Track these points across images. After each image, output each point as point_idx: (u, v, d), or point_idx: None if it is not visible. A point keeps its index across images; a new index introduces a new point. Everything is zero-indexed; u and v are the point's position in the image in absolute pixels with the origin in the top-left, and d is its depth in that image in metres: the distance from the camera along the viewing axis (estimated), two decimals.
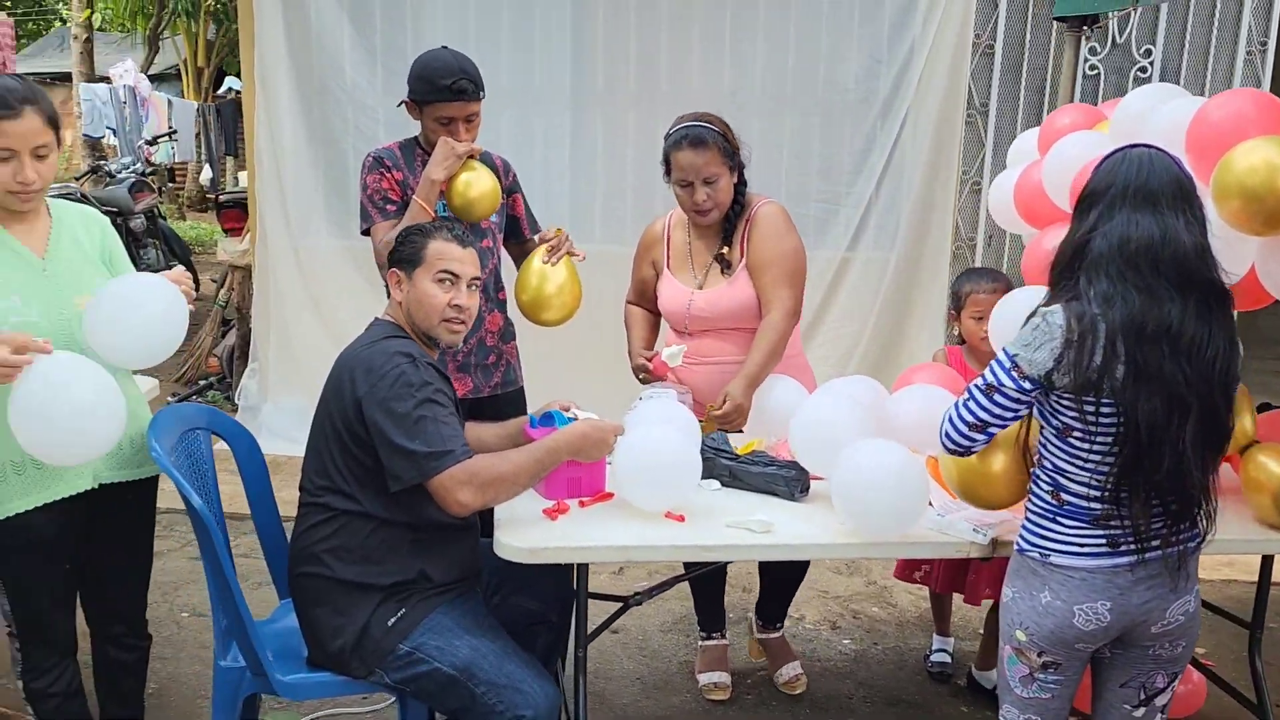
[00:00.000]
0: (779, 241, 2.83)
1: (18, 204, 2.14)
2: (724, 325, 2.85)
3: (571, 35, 4.96)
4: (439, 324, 2.30)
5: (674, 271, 2.95)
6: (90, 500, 2.26)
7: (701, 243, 2.92)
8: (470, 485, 2.11)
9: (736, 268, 2.83)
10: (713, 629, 3.20)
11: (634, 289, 3.13)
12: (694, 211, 2.81)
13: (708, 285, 2.88)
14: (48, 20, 22.09)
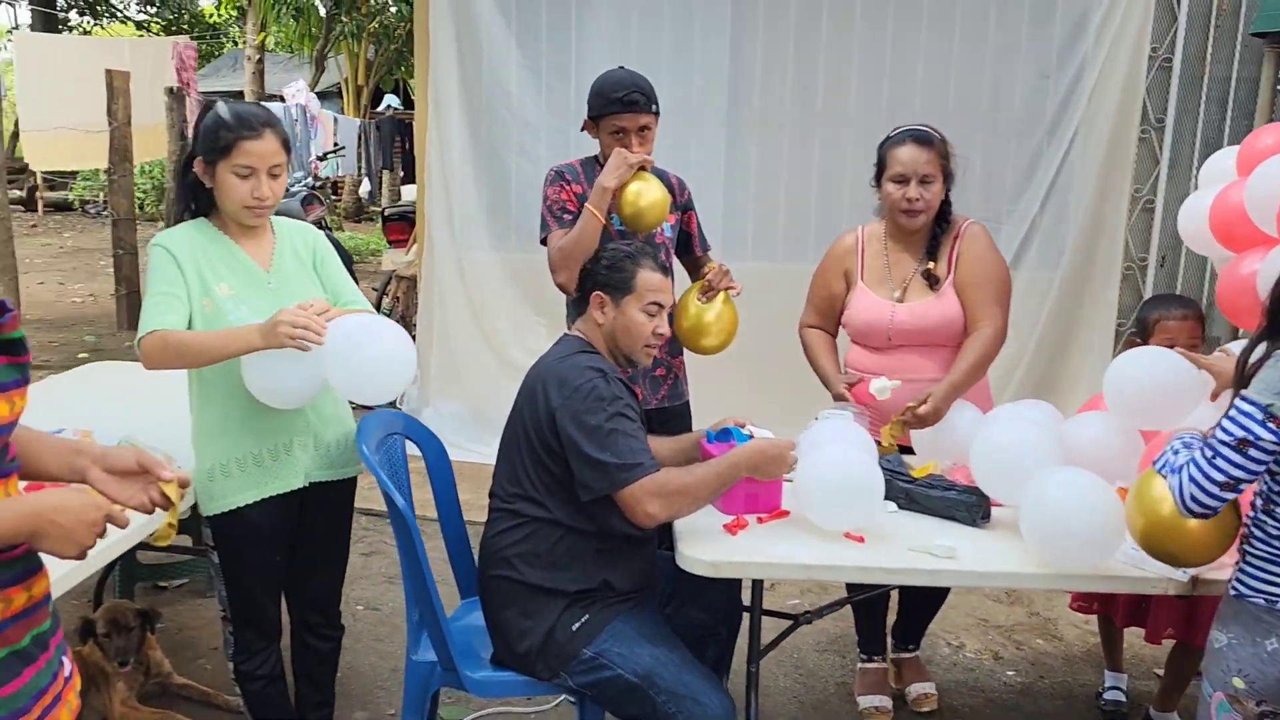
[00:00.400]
0: (991, 260, 2.84)
1: (251, 219, 2.31)
2: (925, 340, 2.83)
3: (730, 57, 5.02)
4: (641, 349, 2.39)
5: (869, 284, 2.91)
6: (301, 497, 2.43)
7: (902, 256, 2.90)
8: (658, 497, 2.18)
9: (944, 283, 2.83)
10: (873, 651, 3.19)
11: (814, 310, 3.06)
12: (903, 211, 2.78)
13: (909, 299, 2.85)
14: (220, 43, 23.49)
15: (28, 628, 1.39)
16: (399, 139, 11.90)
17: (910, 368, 2.81)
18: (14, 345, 1.39)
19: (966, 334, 2.79)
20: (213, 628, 3.51)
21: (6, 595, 1.34)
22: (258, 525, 2.37)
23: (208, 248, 2.32)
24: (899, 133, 2.83)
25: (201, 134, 2.30)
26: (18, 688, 1.35)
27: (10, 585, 1.35)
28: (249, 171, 2.26)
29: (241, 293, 2.31)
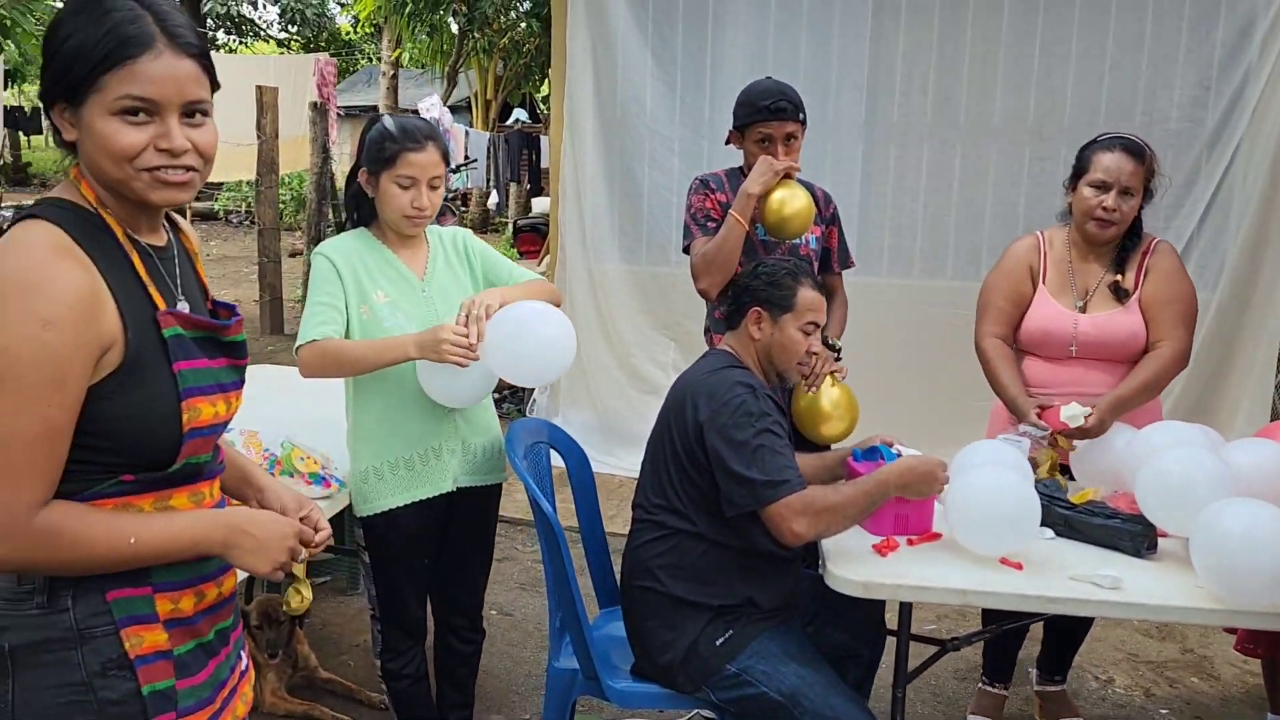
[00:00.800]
0: (1181, 280, 2.74)
1: (410, 228, 2.38)
2: (1107, 354, 2.73)
3: (869, 68, 4.94)
4: (794, 366, 2.37)
5: (1051, 291, 2.80)
6: (449, 501, 2.47)
7: (1086, 265, 2.80)
8: (805, 515, 2.14)
9: (1132, 297, 2.73)
10: (997, 679, 3.07)
11: (996, 317, 2.85)
12: (1096, 219, 2.68)
13: (1092, 310, 2.75)
14: (355, 59, 24.41)
15: (214, 622, 1.43)
16: (526, 152, 12.13)
17: (1089, 382, 2.71)
18: (237, 348, 1.45)
19: (1147, 352, 2.69)
20: (354, 624, 3.62)
21: (200, 590, 1.39)
22: (407, 527, 2.43)
23: (367, 256, 2.39)
24: (1108, 138, 2.73)
25: (367, 146, 2.37)
26: (203, 679, 1.39)
27: (204, 581, 1.40)
28: (411, 182, 2.32)
29: (398, 300, 2.37)
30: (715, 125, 5.08)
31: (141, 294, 1.31)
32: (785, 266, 2.42)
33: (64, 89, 1.26)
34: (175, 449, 1.31)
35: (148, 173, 1.27)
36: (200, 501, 1.41)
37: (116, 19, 1.23)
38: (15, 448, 1.19)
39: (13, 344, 1.17)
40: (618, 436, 5.38)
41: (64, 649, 1.27)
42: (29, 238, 1.24)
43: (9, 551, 1.21)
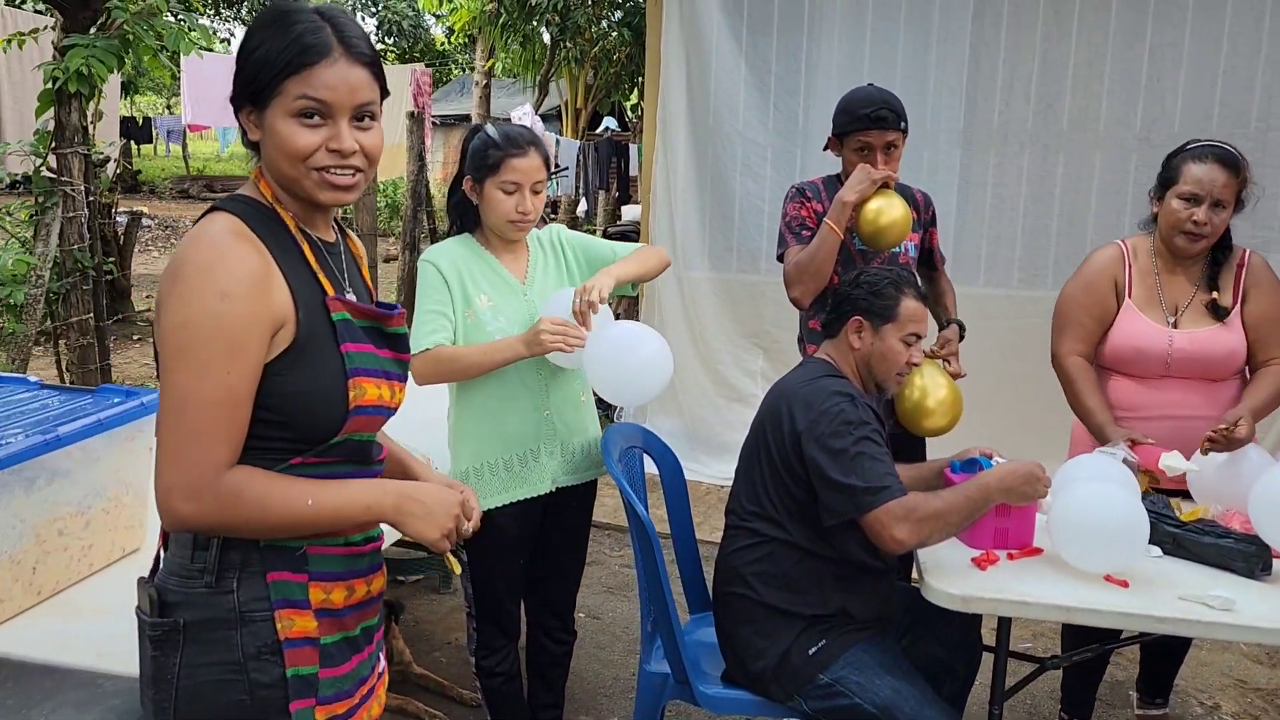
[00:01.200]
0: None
1: (513, 233, 2.43)
2: (1204, 373, 2.63)
3: (968, 73, 4.86)
4: (894, 377, 2.36)
5: (1139, 306, 2.69)
6: (545, 502, 2.51)
7: (1174, 278, 2.69)
8: (906, 521, 2.11)
9: (1231, 313, 2.63)
10: (1076, 714, 2.98)
11: (1077, 333, 2.76)
12: (1186, 233, 2.59)
13: (1185, 326, 2.64)
14: (448, 69, 24.90)
15: (361, 619, 1.49)
16: (614, 160, 12.23)
17: (1183, 404, 2.62)
18: (399, 341, 1.53)
19: (1250, 369, 2.59)
20: (446, 622, 3.69)
21: (351, 585, 1.46)
22: (505, 528, 2.47)
23: (471, 261, 2.45)
24: (1199, 147, 2.61)
25: (470, 154, 2.43)
26: (345, 671, 1.44)
27: (357, 576, 1.47)
28: (515, 187, 2.37)
29: (500, 304, 2.42)
30: (809, 132, 5.06)
31: (312, 280, 1.41)
32: (888, 275, 2.40)
33: (251, 93, 1.36)
34: (341, 421, 1.38)
35: (317, 172, 1.37)
36: None
37: (299, 30, 1.34)
38: (200, 412, 1.27)
39: (194, 316, 1.27)
40: (704, 444, 5.38)
41: (226, 629, 1.35)
42: (211, 226, 1.34)
43: (196, 509, 1.29)
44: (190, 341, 1.27)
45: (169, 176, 23.12)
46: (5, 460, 1.63)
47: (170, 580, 1.37)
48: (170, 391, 1.29)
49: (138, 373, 6.88)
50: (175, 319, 1.28)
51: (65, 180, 4.60)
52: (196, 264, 1.29)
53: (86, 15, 4.61)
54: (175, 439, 1.28)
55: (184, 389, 1.27)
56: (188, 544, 1.37)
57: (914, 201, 3.01)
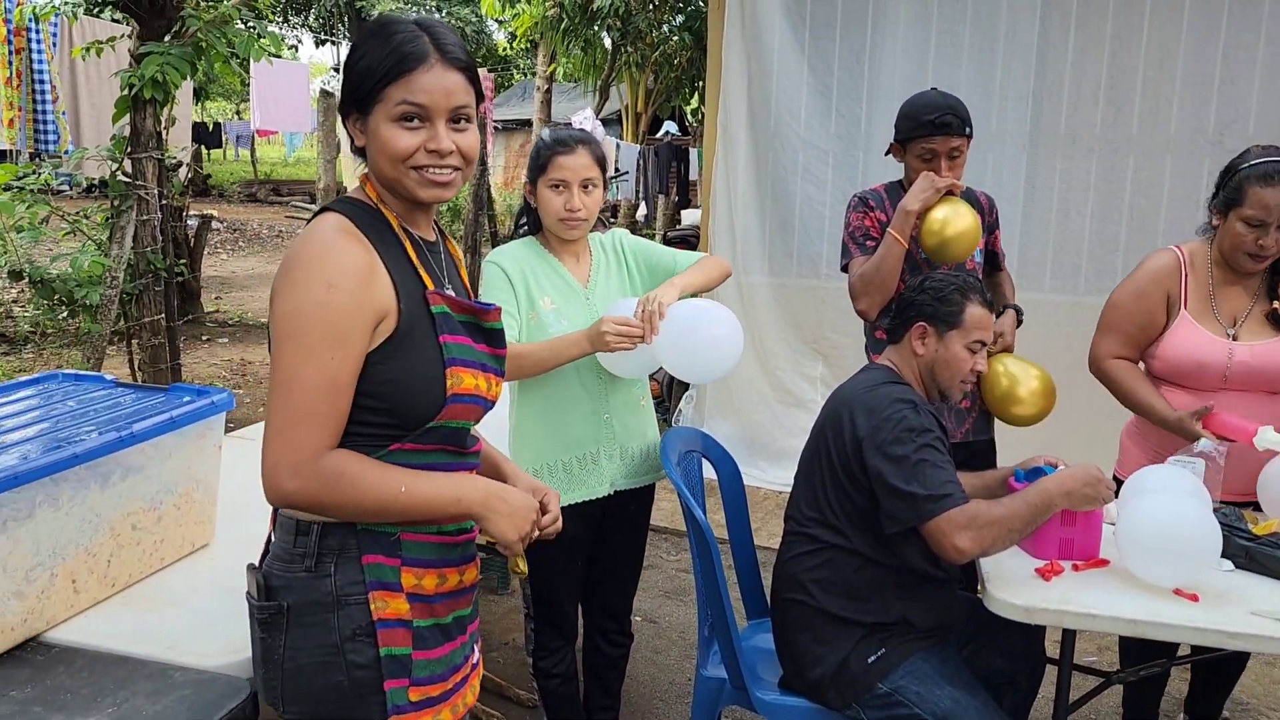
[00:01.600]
0: None
1: (565, 231, 2.44)
2: (1261, 385, 2.54)
3: (1035, 76, 4.78)
4: (958, 384, 2.33)
5: (1194, 316, 2.61)
6: (605, 505, 2.52)
7: (1231, 289, 2.60)
8: (969, 530, 2.09)
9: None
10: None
11: (1121, 338, 2.70)
12: (1252, 255, 2.50)
13: (1244, 338, 2.56)
14: (510, 74, 25.13)
15: (452, 608, 1.55)
16: (674, 164, 12.23)
17: (1241, 415, 2.54)
18: (496, 337, 1.60)
19: None
20: (503, 623, 3.72)
21: (443, 573, 1.52)
22: (564, 529, 2.46)
23: (535, 264, 2.47)
24: (1266, 166, 2.45)
25: (530, 158, 2.47)
26: (438, 655, 1.51)
27: (449, 565, 1.53)
28: (563, 184, 2.39)
29: (562, 307, 2.44)
30: (871, 136, 5.02)
31: (413, 275, 1.48)
32: (954, 281, 2.37)
33: (356, 101, 1.45)
34: (439, 407, 1.45)
35: (417, 171, 1.44)
36: None
37: (399, 39, 1.42)
38: (305, 394, 1.35)
39: (302, 305, 1.35)
40: (761, 449, 5.36)
41: (324, 612, 1.42)
42: (320, 223, 1.43)
43: (298, 487, 1.35)
44: (298, 328, 1.35)
45: (237, 180, 23.66)
46: (82, 456, 1.68)
47: (275, 565, 1.45)
48: (279, 374, 1.36)
49: (206, 372, 7.04)
50: (286, 307, 1.36)
51: (140, 184, 4.74)
52: (306, 257, 1.37)
53: (162, 23, 4.74)
54: (281, 419, 1.35)
55: (291, 372, 1.35)
56: (291, 530, 1.44)
57: (977, 204, 2.97)
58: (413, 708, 1.46)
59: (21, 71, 8.65)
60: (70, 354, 6.43)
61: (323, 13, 23.14)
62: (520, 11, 13.59)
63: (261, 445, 1.36)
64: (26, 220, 4.57)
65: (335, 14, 23.13)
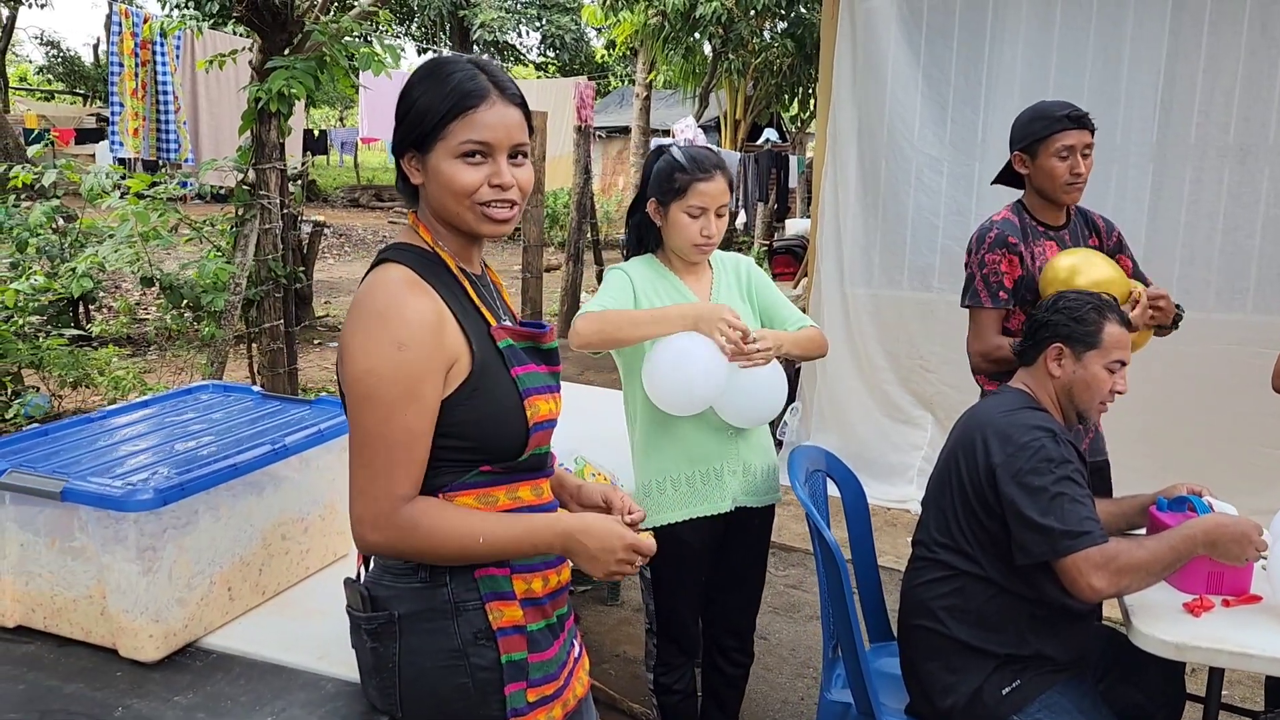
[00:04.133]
0: None
1: (697, 255, 2.44)
2: None
3: (1164, 85, 4.60)
4: (1097, 406, 2.25)
5: None
6: (727, 521, 2.50)
7: None
8: (1105, 570, 2.01)
9: None
10: None
11: None
12: None
13: None
14: (608, 81, 25.32)
15: (556, 606, 1.59)
16: (774, 171, 12.14)
17: None
18: (552, 355, 1.63)
19: None
20: (614, 634, 3.73)
21: (546, 575, 1.56)
22: (687, 544, 2.47)
23: (656, 280, 2.47)
24: None
25: (655, 177, 2.45)
26: (550, 655, 1.55)
27: (550, 567, 1.56)
28: (700, 211, 2.39)
29: None
30: (988, 144, 4.90)
31: (477, 315, 1.51)
32: (1090, 300, 2.30)
33: (415, 139, 1.47)
34: (524, 440, 1.49)
35: (481, 207, 1.47)
36: (540, 496, 1.58)
37: (458, 79, 1.45)
38: (383, 450, 1.40)
39: (375, 366, 1.39)
40: (867, 465, 5.25)
41: (442, 619, 1.47)
42: (385, 277, 1.45)
43: (379, 539, 1.42)
44: (373, 389, 1.39)
45: (340, 186, 24.28)
46: (241, 468, 1.73)
47: (384, 578, 1.49)
48: (357, 434, 1.42)
49: (318, 376, 7.24)
50: (359, 368, 1.40)
51: (263, 194, 4.88)
52: (374, 316, 1.40)
53: (282, 37, 4.88)
54: (363, 476, 1.41)
55: (369, 432, 1.40)
56: None
57: (1094, 227, 2.89)
58: (529, 708, 1.51)
59: (146, 83, 9.03)
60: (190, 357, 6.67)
61: (425, 22, 23.64)
62: (621, 19, 13.68)
63: (349, 500, 1.42)
64: (157, 228, 4.76)
65: (438, 23, 23.60)
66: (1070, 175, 2.73)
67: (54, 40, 33.68)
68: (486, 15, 20.00)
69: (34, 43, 33.49)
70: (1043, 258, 2.79)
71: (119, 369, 5.61)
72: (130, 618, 1.63)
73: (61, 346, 5.29)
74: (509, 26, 21.62)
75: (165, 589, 1.63)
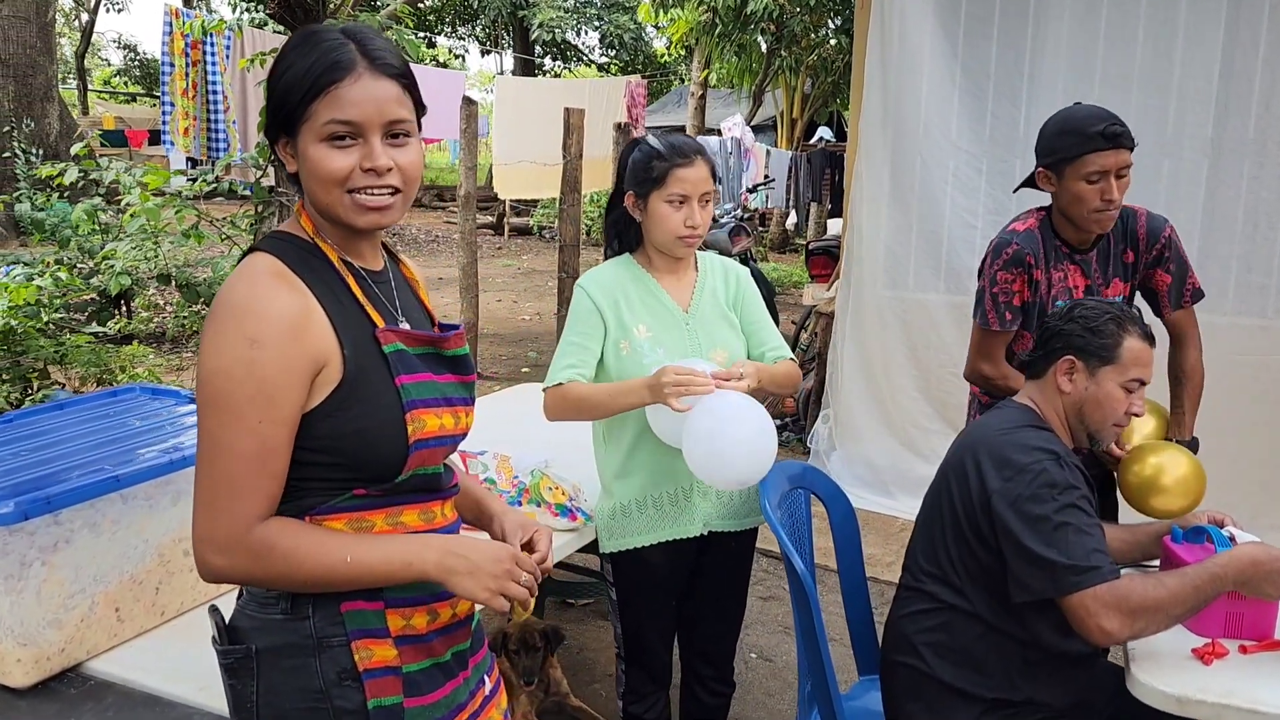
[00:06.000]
0: None
1: (681, 249, 2.26)
2: None
3: (1220, 77, 4.28)
4: (1110, 428, 2.02)
5: None
6: (700, 545, 2.32)
7: None
8: (1118, 611, 1.78)
9: None
10: None
11: None
12: None
13: None
14: (669, 81, 25.17)
15: (450, 644, 1.42)
16: (828, 171, 11.86)
17: None
18: (461, 363, 1.45)
19: None
20: (609, 652, 3.55)
21: (433, 609, 1.39)
22: (655, 568, 2.30)
23: (629, 286, 2.29)
24: None
25: (631, 168, 2.28)
26: (435, 699, 1.39)
27: (437, 600, 1.39)
28: (682, 199, 2.21)
29: (659, 334, 2.25)
30: (1029, 141, 4.50)
31: (359, 314, 1.34)
32: (1109, 310, 2.06)
33: (282, 121, 1.32)
34: (402, 459, 1.32)
35: (352, 195, 1.30)
36: (431, 520, 1.41)
37: (322, 49, 1.29)
38: (230, 463, 1.23)
39: (224, 364, 1.23)
40: (898, 476, 5.02)
41: (304, 656, 1.31)
42: (249, 268, 1.30)
43: (226, 563, 1.25)
44: (221, 390, 1.23)
45: None
46: (125, 480, 1.60)
47: (249, 606, 1.35)
48: (203, 441, 1.25)
49: None
50: (208, 367, 1.24)
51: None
52: (229, 309, 1.25)
53: None
54: (207, 490, 1.25)
55: (215, 439, 1.24)
56: None
57: (1132, 238, 2.59)
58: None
59: (197, 83, 9.12)
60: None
61: (487, 24, 23.76)
62: (675, 17, 13.51)
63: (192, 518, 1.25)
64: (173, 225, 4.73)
65: (500, 23, 23.70)
66: (1101, 202, 2.40)
67: (130, 44, 34.66)
68: (545, 15, 19.99)
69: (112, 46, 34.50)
70: (1061, 284, 2.54)
71: (143, 366, 5.61)
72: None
73: (86, 343, 5.30)
74: (568, 26, 21.58)
75: (34, 609, 1.51)
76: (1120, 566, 1.87)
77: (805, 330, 6.67)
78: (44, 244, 7.55)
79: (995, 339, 2.59)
